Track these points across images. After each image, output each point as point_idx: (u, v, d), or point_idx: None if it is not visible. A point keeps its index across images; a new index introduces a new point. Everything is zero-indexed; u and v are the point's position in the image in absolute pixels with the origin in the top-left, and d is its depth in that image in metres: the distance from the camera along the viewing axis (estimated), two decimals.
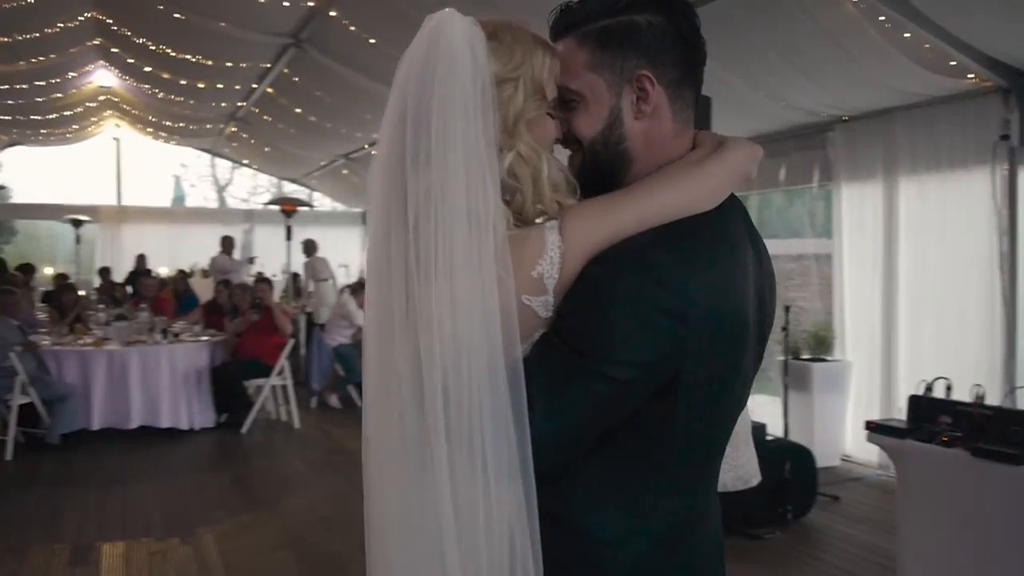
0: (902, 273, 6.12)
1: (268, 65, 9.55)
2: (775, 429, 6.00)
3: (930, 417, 3.66)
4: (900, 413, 4.19)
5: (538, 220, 1.19)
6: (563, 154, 1.32)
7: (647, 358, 1.11)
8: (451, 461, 1.07)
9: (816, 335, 6.65)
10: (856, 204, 6.63)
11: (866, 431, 3.93)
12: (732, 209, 1.25)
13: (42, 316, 9.58)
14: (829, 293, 7.14)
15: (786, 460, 5.15)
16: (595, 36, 1.24)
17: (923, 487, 3.65)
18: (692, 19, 1.25)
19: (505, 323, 1.07)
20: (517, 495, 1.07)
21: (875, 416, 5.28)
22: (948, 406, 3.67)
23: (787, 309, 5.96)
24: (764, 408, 7.54)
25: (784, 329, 5.90)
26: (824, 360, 6.53)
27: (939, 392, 3.87)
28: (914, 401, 3.80)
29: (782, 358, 6.24)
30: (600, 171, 1.26)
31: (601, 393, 1.10)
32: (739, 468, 1.59)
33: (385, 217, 1.16)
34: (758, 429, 5.52)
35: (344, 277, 13.14)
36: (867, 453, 6.23)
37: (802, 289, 8.46)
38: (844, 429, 6.49)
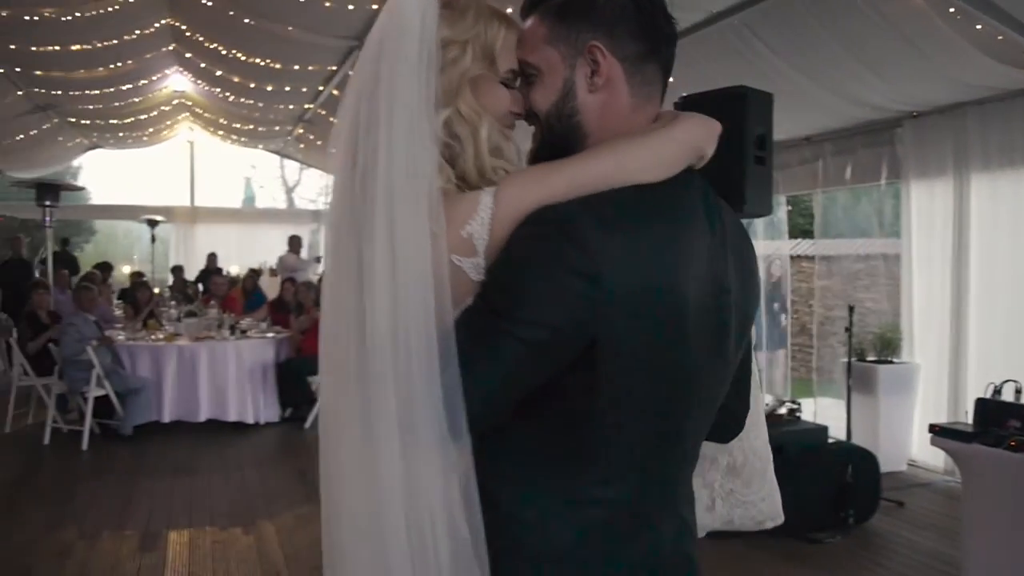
0: (973, 273, 5.93)
1: (334, 67, 9.73)
2: (838, 432, 5.88)
3: (998, 421, 3.55)
4: (968, 417, 4.06)
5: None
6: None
7: (559, 320, 1.07)
8: (389, 427, 1.07)
9: (882, 336, 6.49)
10: (925, 202, 6.44)
11: (930, 434, 3.83)
12: (686, 185, 1.23)
13: (118, 312, 9.95)
14: (897, 294, 6.96)
15: (848, 463, 5.04)
16: (554, 10, 1.24)
17: (989, 492, 3.54)
18: (648, 6, 1.24)
19: (439, 284, 1.07)
20: (449, 465, 1.07)
21: (942, 420, 5.13)
22: (1017, 409, 3.56)
23: (851, 310, 5.83)
24: (827, 411, 7.42)
25: (847, 330, 5.76)
26: (890, 362, 6.37)
27: (1008, 395, 3.74)
28: (981, 404, 3.69)
29: (845, 359, 6.09)
30: (556, 145, 1.25)
31: (515, 355, 1.07)
32: (751, 507, 1.54)
33: (341, 186, 1.17)
34: (819, 432, 5.43)
35: None
36: (934, 458, 6.06)
37: (869, 290, 8.27)
38: (910, 433, 6.32)
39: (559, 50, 1.23)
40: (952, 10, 4.86)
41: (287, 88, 10.92)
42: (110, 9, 8.04)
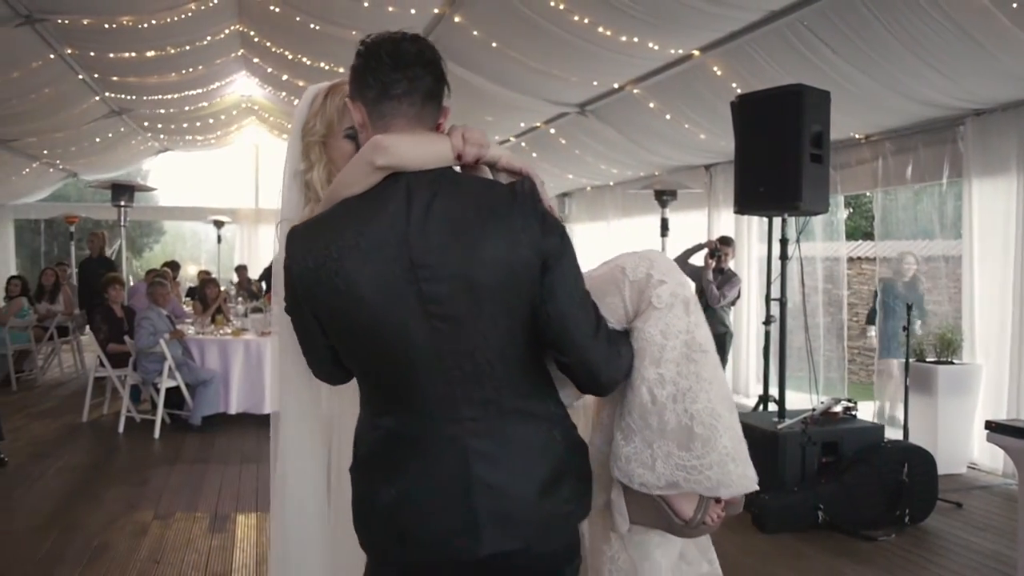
0: None
1: None
2: (897, 434, 5.84)
3: None
4: None
5: None
6: None
7: (289, 302, 1.61)
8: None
9: (943, 337, 6.42)
10: (988, 201, 6.36)
11: (986, 431, 3.82)
12: (382, 191, 1.55)
13: (187, 308, 10.32)
14: (958, 295, 6.87)
15: (904, 462, 5.02)
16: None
17: None
18: (374, 59, 1.59)
19: None
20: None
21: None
22: None
23: (908, 308, 5.79)
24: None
25: (905, 329, 5.72)
26: (951, 363, 6.30)
27: None
28: None
29: (902, 360, 6.04)
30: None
31: (296, 327, 1.65)
32: (696, 471, 1.60)
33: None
34: (875, 430, 5.41)
35: None
36: (994, 461, 5.99)
37: (931, 292, 8.14)
38: (971, 435, 6.24)
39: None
40: (1015, 5, 4.81)
41: None
42: (183, 16, 8.38)
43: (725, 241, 7.50)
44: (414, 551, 1.57)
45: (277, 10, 8.46)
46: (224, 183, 19.23)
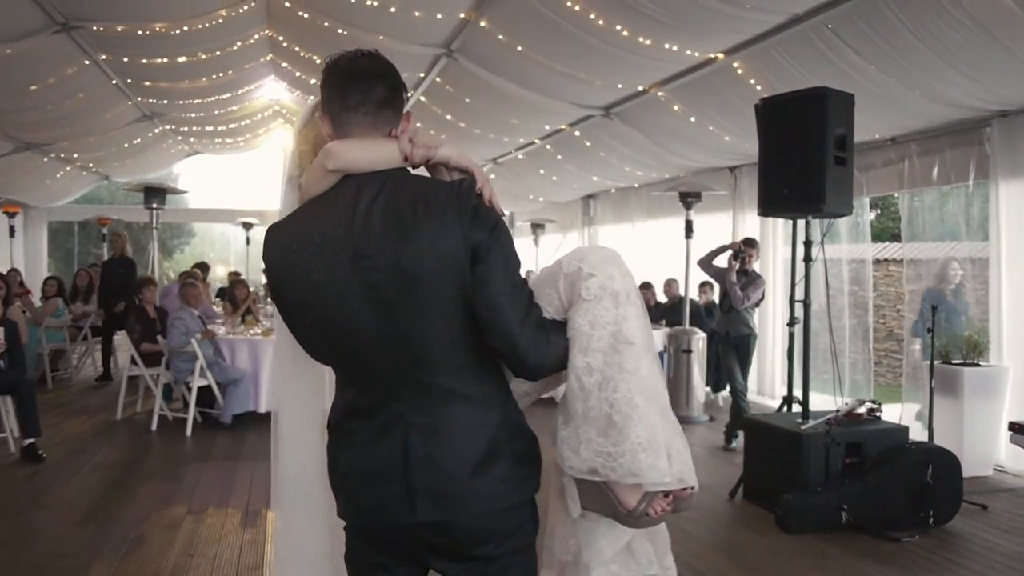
0: None
1: (422, 74, 10.06)
2: (920, 434, 5.84)
3: None
4: None
5: None
6: None
7: (271, 292, 1.85)
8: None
9: (969, 339, 6.40)
10: (1016, 202, 6.35)
11: (1009, 432, 3.83)
12: (334, 192, 1.75)
13: (217, 309, 10.49)
14: (985, 297, 6.85)
15: (928, 464, 5.03)
16: None
17: None
18: (333, 75, 1.78)
19: None
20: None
21: None
22: None
23: (933, 310, 5.79)
24: (911, 416, 7.31)
25: (930, 330, 5.72)
26: (977, 365, 6.28)
27: None
28: None
29: (927, 361, 6.04)
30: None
31: (281, 315, 1.87)
32: (612, 458, 1.68)
33: None
34: (899, 431, 5.42)
35: None
36: (1021, 463, 5.97)
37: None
38: (997, 438, 6.21)
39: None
40: None
41: None
42: (214, 23, 8.54)
43: (749, 243, 7.51)
44: (360, 514, 1.76)
45: (306, 16, 8.61)
46: (252, 185, 19.47)
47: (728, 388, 7.87)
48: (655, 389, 1.72)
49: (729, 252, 7.31)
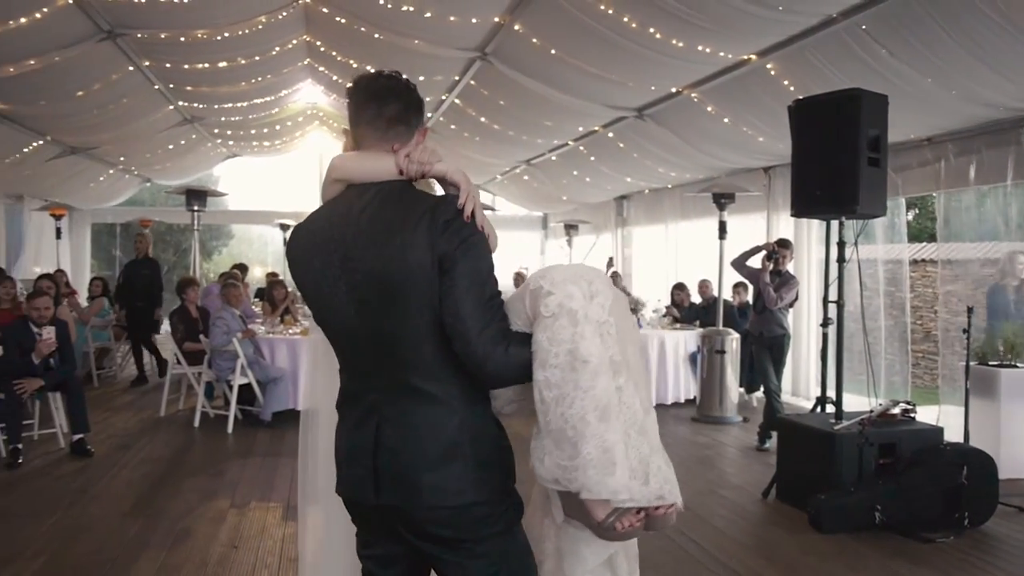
0: None
1: (457, 78, 10.18)
2: (955, 435, 5.82)
3: None
4: None
5: None
6: None
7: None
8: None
9: (1007, 340, 6.36)
10: None
11: None
12: (339, 198, 1.94)
13: (256, 309, 10.70)
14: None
15: (963, 465, 5.02)
16: None
17: None
18: (355, 92, 1.96)
19: None
20: None
21: None
22: None
23: (969, 311, 5.77)
24: (953, 419, 7.25)
25: (965, 331, 5.70)
26: (1014, 367, 6.24)
27: None
28: None
29: (963, 362, 6.01)
30: None
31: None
32: (567, 471, 1.77)
33: None
34: (934, 432, 5.41)
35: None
36: None
37: None
38: None
39: None
40: None
41: None
42: (254, 29, 8.72)
43: (783, 243, 7.51)
44: (343, 490, 1.95)
45: (342, 21, 8.76)
46: (290, 187, 19.75)
47: (762, 389, 7.88)
48: (609, 408, 1.77)
49: (763, 253, 7.32)
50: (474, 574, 1.85)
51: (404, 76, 2.00)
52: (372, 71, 2.00)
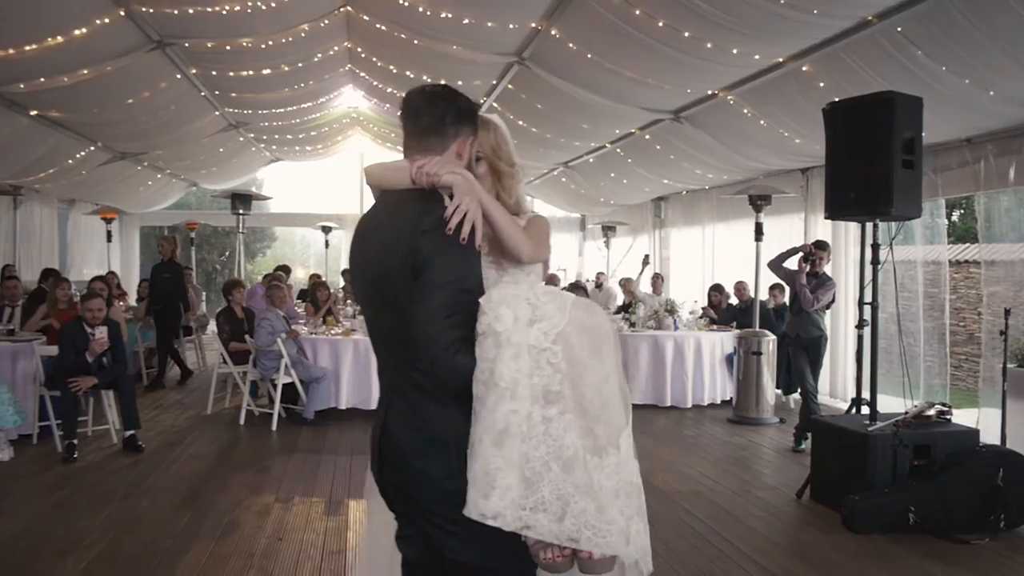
0: None
1: (495, 82, 10.32)
2: (993, 437, 5.80)
3: None
4: None
5: None
6: None
7: None
8: None
9: None
10: None
11: None
12: (373, 210, 2.16)
13: (299, 310, 10.92)
14: None
15: (999, 467, 5.02)
16: None
17: None
18: (402, 105, 2.12)
19: None
20: None
21: None
22: None
23: (1007, 313, 5.75)
24: (994, 422, 7.20)
25: (1003, 333, 5.69)
26: None
27: None
28: None
29: (1000, 364, 5.98)
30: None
31: None
32: (529, 507, 1.81)
33: None
34: (969, 434, 5.41)
35: (564, 280, 13.86)
36: None
37: None
38: None
39: None
40: None
41: None
42: (297, 37, 8.94)
43: (821, 245, 7.52)
44: (370, 466, 2.19)
45: (383, 28, 8.94)
46: (331, 190, 20.07)
47: (799, 390, 7.88)
48: (506, 433, 1.82)
49: (799, 254, 7.33)
50: (465, 557, 1.97)
51: (446, 88, 2.11)
52: (420, 85, 2.13)
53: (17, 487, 5.87)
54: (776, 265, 7.62)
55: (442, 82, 2.23)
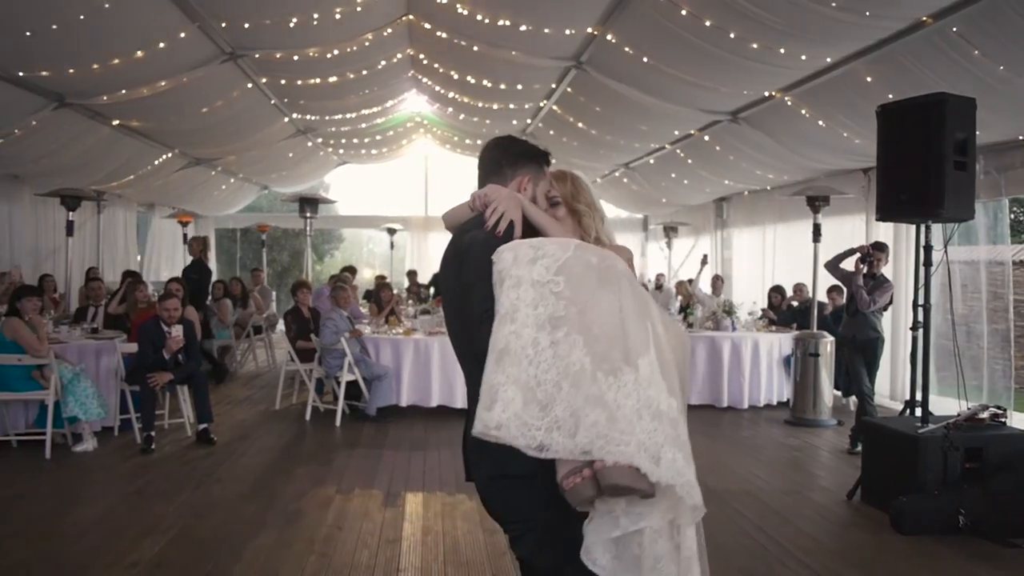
0: None
1: (553, 86, 10.50)
2: None
3: None
4: None
5: None
6: None
7: None
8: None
9: None
10: None
11: None
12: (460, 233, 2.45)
13: (363, 310, 11.27)
14: None
15: None
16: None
17: None
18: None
19: None
20: None
21: None
22: None
23: None
24: None
25: None
26: None
27: None
28: None
29: None
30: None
31: None
32: (544, 427, 1.96)
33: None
34: (1022, 438, 5.36)
35: None
36: None
37: None
38: None
39: None
40: None
41: (511, 105, 11.87)
42: (362, 45, 9.26)
43: (879, 247, 7.48)
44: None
45: (444, 36, 9.19)
46: (396, 192, 20.47)
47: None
48: (505, 352, 1.99)
49: (856, 255, 7.31)
50: (522, 546, 2.28)
51: (506, 138, 2.60)
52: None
53: (100, 475, 6.29)
54: (833, 266, 7.60)
55: (508, 134, 2.71)
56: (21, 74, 7.61)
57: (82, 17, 6.64)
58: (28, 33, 6.64)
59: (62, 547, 4.65)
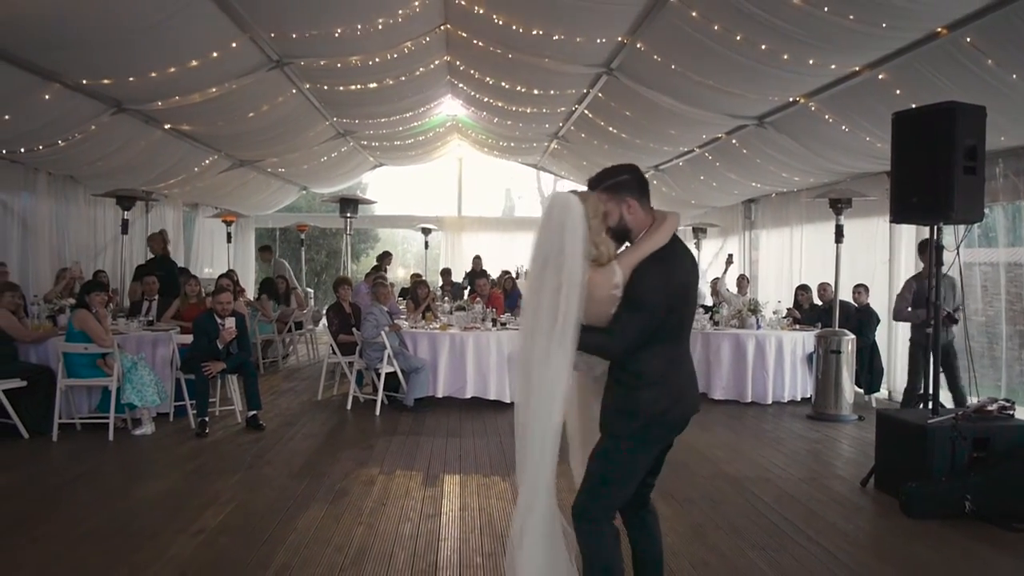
0: None
1: (585, 91, 10.86)
2: None
3: None
4: None
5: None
6: None
7: (658, 300, 2.99)
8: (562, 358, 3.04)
9: None
10: None
11: None
12: (674, 243, 3.11)
13: (401, 306, 11.72)
14: None
15: None
16: (610, 188, 3.16)
17: None
18: (641, 173, 3.21)
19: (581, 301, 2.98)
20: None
21: None
22: None
23: None
24: None
25: None
26: None
27: None
28: None
29: None
30: (619, 235, 3.17)
31: (643, 318, 2.99)
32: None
33: (538, 287, 3.06)
34: None
35: None
36: None
37: None
38: None
39: (615, 204, 3.15)
40: None
41: (544, 110, 12.25)
42: (401, 53, 9.69)
43: (921, 248, 7.75)
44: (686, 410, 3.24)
45: (479, 43, 9.59)
46: (431, 193, 20.94)
47: (905, 389, 8.16)
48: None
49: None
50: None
51: (622, 167, 3.20)
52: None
53: (160, 456, 6.78)
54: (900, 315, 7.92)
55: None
56: (84, 82, 8.13)
57: (147, 29, 7.12)
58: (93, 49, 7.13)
59: (132, 517, 5.12)
